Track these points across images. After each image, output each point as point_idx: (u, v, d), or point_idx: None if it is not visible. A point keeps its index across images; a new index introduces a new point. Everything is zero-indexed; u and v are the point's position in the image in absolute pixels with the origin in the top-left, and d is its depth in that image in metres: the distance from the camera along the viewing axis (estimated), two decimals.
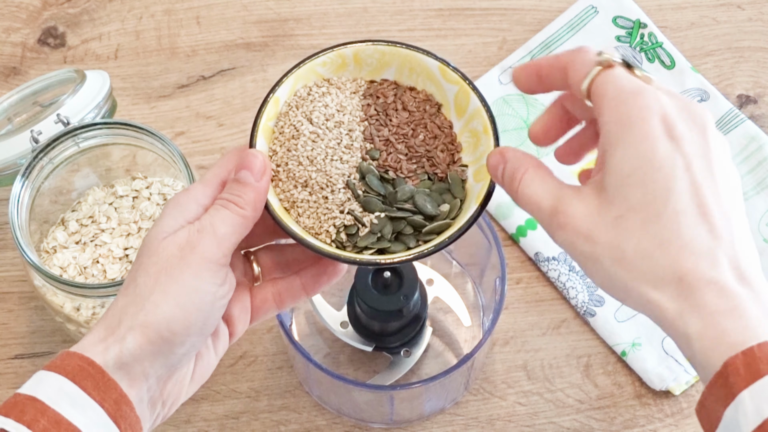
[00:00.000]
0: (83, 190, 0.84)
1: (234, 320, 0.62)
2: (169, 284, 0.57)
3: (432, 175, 0.64)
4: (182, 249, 0.57)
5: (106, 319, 0.58)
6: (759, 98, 0.94)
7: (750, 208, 0.89)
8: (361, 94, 0.65)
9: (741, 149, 0.91)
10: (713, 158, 0.54)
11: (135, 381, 0.56)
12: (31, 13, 0.98)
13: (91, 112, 0.81)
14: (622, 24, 0.96)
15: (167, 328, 0.56)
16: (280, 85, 0.64)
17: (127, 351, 0.56)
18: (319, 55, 0.65)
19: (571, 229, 0.55)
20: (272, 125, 0.64)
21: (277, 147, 0.63)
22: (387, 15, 0.98)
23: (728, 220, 0.53)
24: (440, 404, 0.82)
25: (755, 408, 0.49)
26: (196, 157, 0.92)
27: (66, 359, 0.56)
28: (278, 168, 0.63)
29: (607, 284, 0.55)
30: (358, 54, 0.65)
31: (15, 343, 0.86)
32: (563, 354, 0.85)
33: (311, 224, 0.62)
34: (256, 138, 0.63)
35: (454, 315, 0.85)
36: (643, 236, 0.53)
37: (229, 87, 0.95)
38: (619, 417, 0.83)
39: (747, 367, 0.50)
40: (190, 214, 0.59)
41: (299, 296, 0.64)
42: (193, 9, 0.98)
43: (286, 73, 0.64)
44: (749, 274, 0.53)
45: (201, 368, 0.61)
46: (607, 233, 0.54)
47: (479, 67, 0.95)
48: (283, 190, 0.63)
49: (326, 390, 0.80)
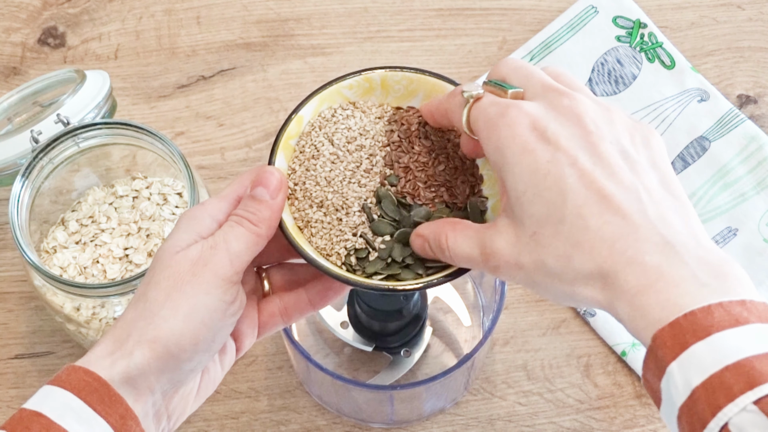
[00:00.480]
0: (83, 190, 0.84)
1: (241, 336, 0.62)
2: (179, 300, 0.56)
3: (450, 203, 0.63)
4: (194, 265, 0.57)
5: (114, 331, 0.57)
6: (759, 98, 0.94)
7: (750, 208, 0.89)
8: (386, 120, 0.65)
9: (741, 149, 0.91)
10: (597, 141, 0.54)
11: (141, 395, 0.56)
12: (31, 13, 0.98)
13: (91, 112, 0.81)
14: (622, 24, 0.96)
15: (176, 343, 0.56)
16: (305, 105, 0.64)
17: (134, 365, 0.55)
18: (346, 77, 0.65)
19: (504, 265, 0.56)
20: (293, 144, 0.64)
21: (297, 166, 0.63)
22: (387, 15, 0.98)
23: (635, 192, 0.53)
24: (440, 404, 0.82)
25: (684, 379, 0.49)
26: (196, 157, 0.92)
27: (71, 374, 0.55)
28: (295, 186, 0.62)
29: (552, 297, 0.56)
30: (386, 80, 0.65)
31: (15, 343, 0.86)
32: (563, 354, 0.85)
33: (323, 245, 0.62)
34: (276, 155, 0.62)
35: (454, 315, 0.85)
36: (558, 244, 0.53)
37: (229, 87, 0.95)
38: (619, 417, 0.83)
39: (674, 339, 0.49)
40: (204, 229, 0.59)
41: (306, 310, 0.63)
42: (193, 9, 0.99)
43: (312, 93, 0.64)
44: (675, 238, 0.52)
45: (207, 383, 0.61)
46: (530, 255, 0.54)
47: (479, 67, 0.95)
48: (299, 209, 0.62)
49: (326, 390, 0.80)
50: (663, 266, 0.51)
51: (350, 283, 0.60)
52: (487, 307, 0.84)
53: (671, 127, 0.92)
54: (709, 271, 0.51)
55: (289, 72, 0.96)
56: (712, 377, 0.48)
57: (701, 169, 0.91)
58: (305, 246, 0.61)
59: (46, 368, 0.85)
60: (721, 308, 0.49)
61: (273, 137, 0.93)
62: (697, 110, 0.93)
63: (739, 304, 0.50)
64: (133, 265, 0.79)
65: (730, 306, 0.49)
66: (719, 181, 0.90)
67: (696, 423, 0.48)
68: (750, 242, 0.88)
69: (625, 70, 0.94)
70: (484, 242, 0.57)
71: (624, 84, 0.94)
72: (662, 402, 0.51)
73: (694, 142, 0.92)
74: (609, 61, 0.95)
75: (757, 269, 0.87)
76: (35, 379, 0.84)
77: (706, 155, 0.91)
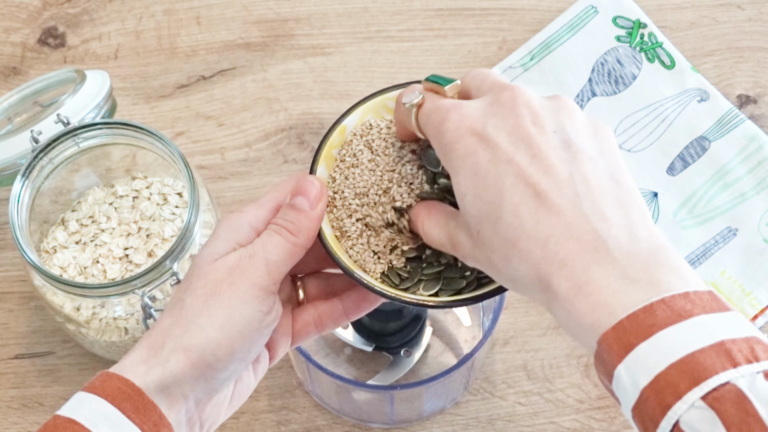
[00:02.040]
0: (83, 190, 0.84)
1: (275, 344, 0.61)
2: (216, 308, 0.56)
3: None
4: (232, 273, 0.57)
5: (149, 337, 0.57)
6: (759, 98, 0.94)
7: (750, 208, 0.89)
8: None
9: (741, 149, 0.91)
10: (536, 133, 0.53)
11: (174, 403, 0.56)
12: (31, 13, 0.98)
13: (91, 112, 0.81)
14: (622, 24, 0.96)
15: (211, 352, 0.55)
16: (349, 114, 0.64)
17: (169, 373, 0.55)
18: (390, 89, 0.64)
19: (467, 256, 0.56)
20: (335, 153, 0.64)
21: (337, 175, 0.63)
22: (387, 15, 0.98)
23: (572, 185, 0.52)
24: (440, 404, 0.82)
25: (632, 381, 0.48)
26: (196, 157, 0.92)
27: (105, 381, 0.55)
28: (335, 195, 0.62)
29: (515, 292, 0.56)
30: None
31: (15, 343, 0.86)
32: (563, 354, 0.85)
33: (360, 256, 0.61)
34: (318, 165, 0.62)
35: (454, 315, 0.85)
36: (498, 242, 0.53)
37: (229, 87, 0.95)
38: (619, 417, 0.83)
39: (618, 342, 0.49)
40: (242, 237, 0.58)
41: (341, 320, 0.63)
42: (193, 9, 0.99)
43: (356, 103, 0.64)
44: (608, 232, 0.51)
45: (240, 391, 0.61)
46: (481, 251, 0.54)
47: (479, 66, 0.95)
48: (337, 219, 0.62)
49: (326, 390, 0.80)
50: (591, 267, 0.50)
51: (387, 297, 0.59)
52: (487, 307, 0.84)
53: (671, 127, 0.92)
54: (640, 266, 0.50)
55: (289, 72, 0.96)
56: (658, 377, 0.47)
57: (701, 169, 0.91)
58: (342, 256, 0.60)
59: (46, 368, 0.85)
60: (663, 305, 0.49)
61: (273, 137, 0.93)
62: (697, 110, 0.93)
63: (682, 297, 0.49)
64: (133, 265, 0.79)
65: (672, 301, 0.49)
66: (719, 181, 0.90)
67: (648, 423, 0.48)
68: (750, 242, 0.88)
69: (625, 70, 0.94)
70: (452, 232, 0.56)
71: (624, 84, 0.94)
72: (622, 405, 0.50)
73: (694, 142, 0.92)
74: (609, 61, 0.95)
75: (757, 269, 0.87)
76: (35, 379, 0.84)
77: (706, 155, 0.91)
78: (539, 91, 0.98)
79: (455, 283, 0.60)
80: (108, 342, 0.79)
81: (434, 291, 0.60)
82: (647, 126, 0.92)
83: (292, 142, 0.93)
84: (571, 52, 0.95)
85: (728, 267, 0.87)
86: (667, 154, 0.91)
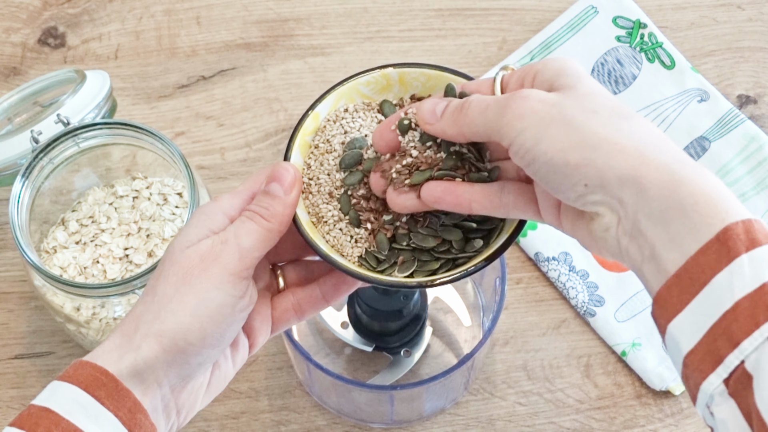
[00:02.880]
0: (83, 190, 0.84)
1: (254, 332, 0.61)
2: (188, 294, 0.56)
3: None
4: (204, 260, 0.57)
5: (123, 325, 0.57)
6: (759, 98, 0.94)
7: (750, 208, 0.89)
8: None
9: (741, 149, 0.91)
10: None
11: (149, 389, 0.56)
12: (31, 13, 0.98)
13: (91, 112, 0.81)
14: (622, 24, 0.96)
15: (183, 337, 0.56)
16: (321, 101, 0.64)
17: (141, 359, 0.55)
18: (363, 74, 0.64)
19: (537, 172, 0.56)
20: (309, 140, 0.64)
21: (312, 161, 0.63)
22: (387, 15, 0.98)
23: None
24: (440, 404, 0.82)
25: (753, 272, 0.49)
26: (196, 157, 0.92)
27: (79, 369, 0.55)
28: (310, 182, 0.62)
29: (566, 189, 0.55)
30: (404, 76, 0.65)
31: (15, 343, 0.86)
32: (563, 354, 0.85)
33: (337, 241, 0.61)
34: (292, 151, 0.62)
35: (454, 315, 0.85)
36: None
37: (229, 87, 0.95)
38: (619, 417, 0.83)
39: (747, 234, 0.50)
40: (216, 225, 0.59)
41: (320, 305, 0.63)
42: (193, 9, 0.99)
43: (329, 89, 0.64)
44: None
45: (218, 378, 0.61)
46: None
47: (479, 67, 0.95)
48: (313, 204, 0.62)
49: (326, 390, 0.80)
50: None
51: (368, 281, 0.60)
52: (487, 307, 0.84)
53: (671, 127, 0.92)
54: None
55: (289, 72, 0.96)
56: None
57: None
58: (319, 242, 0.60)
59: (46, 368, 0.85)
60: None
61: (273, 137, 0.93)
62: (697, 110, 0.93)
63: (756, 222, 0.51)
64: (133, 265, 0.79)
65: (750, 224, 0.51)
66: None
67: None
68: None
69: (625, 70, 0.94)
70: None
71: (624, 84, 0.94)
72: (700, 298, 0.50)
73: (694, 142, 0.92)
74: (609, 61, 0.95)
75: None
76: (35, 379, 0.84)
77: (706, 155, 0.91)
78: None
79: (429, 264, 0.60)
80: None
81: (410, 272, 0.60)
82: None
83: None
84: (571, 52, 0.95)
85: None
86: None
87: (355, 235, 0.61)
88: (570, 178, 0.53)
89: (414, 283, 0.60)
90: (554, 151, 0.53)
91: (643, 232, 0.52)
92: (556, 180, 0.54)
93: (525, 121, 0.54)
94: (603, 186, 0.53)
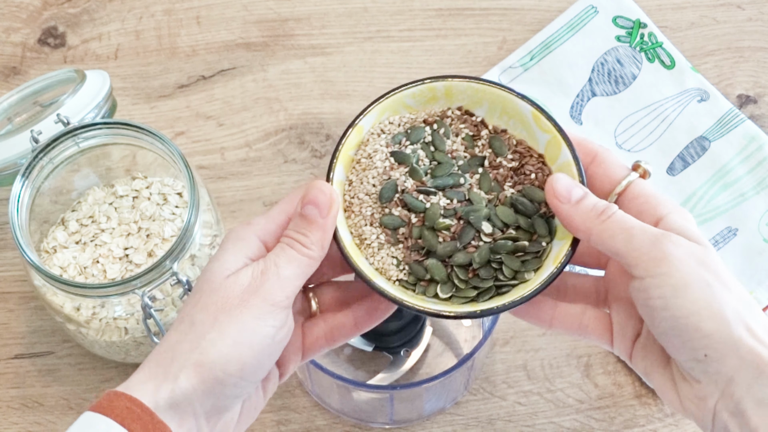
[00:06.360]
0: (83, 190, 0.84)
1: (285, 361, 0.60)
2: (228, 324, 0.55)
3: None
4: (245, 291, 0.56)
5: (157, 354, 0.56)
6: (759, 98, 0.94)
7: (750, 208, 0.89)
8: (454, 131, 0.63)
9: (741, 149, 0.91)
10: None
11: (185, 421, 0.55)
12: (31, 13, 0.98)
13: (91, 112, 0.81)
14: (622, 24, 0.96)
15: (222, 368, 0.55)
16: (365, 114, 0.62)
17: (179, 391, 0.54)
18: (408, 86, 0.63)
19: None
20: (352, 154, 0.62)
21: (354, 177, 0.61)
22: (387, 15, 0.98)
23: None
24: (440, 404, 0.82)
25: None
26: (196, 157, 0.92)
27: (114, 400, 0.54)
28: (352, 200, 0.61)
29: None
30: (450, 89, 0.63)
31: (15, 343, 0.86)
32: (563, 354, 0.85)
33: (379, 264, 0.60)
34: (335, 167, 0.60)
35: None
36: None
37: (229, 87, 0.95)
38: (619, 417, 0.83)
39: None
40: (252, 251, 0.57)
41: (352, 334, 0.61)
42: (193, 9, 0.99)
43: (373, 102, 0.62)
44: None
45: (249, 409, 0.59)
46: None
47: (479, 67, 0.95)
48: (356, 225, 0.60)
49: (326, 390, 0.80)
50: None
51: (414, 310, 0.58)
52: None
53: (671, 127, 0.92)
54: None
55: (289, 72, 0.96)
56: None
57: (701, 169, 0.91)
58: (361, 264, 0.59)
59: (46, 368, 0.85)
60: None
61: (273, 137, 0.93)
62: (697, 110, 0.93)
63: None
64: (133, 265, 0.79)
65: None
66: (719, 181, 0.90)
67: None
68: (750, 242, 0.88)
69: (625, 70, 0.94)
70: None
71: (624, 84, 0.94)
72: None
73: (694, 142, 0.92)
74: (609, 61, 0.95)
75: (756, 269, 0.87)
76: (35, 379, 0.84)
77: (706, 155, 0.91)
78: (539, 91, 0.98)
79: (467, 291, 0.59)
80: (108, 342, 0.79)
81: (448, 295, 0.59)
82: (647, 126, 0.92)
83: (292, 142, 0.93)
84: (571, 52, 0.95)
85: (728, 267, 0.87)
86: (667, 154, 0.91)
87: (398, 256, 0.60)
88: (693, 343, 0.54)
89: (452, 313, 0.58)
90: (690, 312, 0.54)
91: (746, 413, 0.53)
92: (675, 336, 0.54)
93: (671, 267, 0.54)
94: (722, 361, 0.53)
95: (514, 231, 0.60)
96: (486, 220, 0.60)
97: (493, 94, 0.63)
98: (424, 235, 0.60)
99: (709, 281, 0.54)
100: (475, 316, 0.58)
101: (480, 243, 0.60)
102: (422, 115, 0.64)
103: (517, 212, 0.61)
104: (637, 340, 0.59)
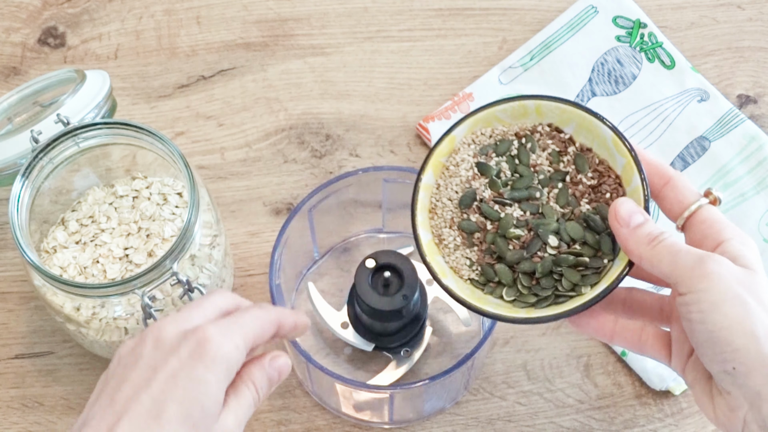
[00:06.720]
0: (83, 190, 0.84)
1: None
2: None
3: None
4: None
5: None
6: (759, 98, 0.94)
7: (750, 208, 0.89)
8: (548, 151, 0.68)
9: (741, 149, 0.91)
10: None
11: None
12: (31, 13, 0.98)
13: (91, 112, 0.81)
14: (622, 24, 0.96)
15: None
16: (459, 125, 0.67)
17: None
18: (500, 102, 0.68)
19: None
20: (443, 161, 0.68)
21: (441, 182, 0.67)
22: (387, 15, 0.98)
23: None
24: (440, 404, 0.82)
25: None
26: (196, 157, 0.92)
27: None
28: (437, 203, 0.67)
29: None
30: (540, 107, 0.68)
31: (15, 343, 0.86)
32: (563, 354, 0.85)
33: (455, 264, 0.66)
34: (425, 172, 0.67)
35: (454, 315, 0.85)
36: None
37: (229, 87, 0.95)
38: (619, 417, 0.83)
39: None
40: (232, 376, 0.59)
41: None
42: (193, 9, 0.99)
43: (466, 115, 0.67)
44: None
45: None
46: None
47: (479, 67, 0.95)
48: (437, 226, 0.66)
49: (326, 390, 0.80)
50: None
51: (472, 309, 0.64)
52: None
53: (671, 127, 0.92)
54: None
55: (289, 72, 0.96)
56: None
57: (701, 169, 0.91)
58: (435, 264, 0.65)
59: (46, 368, 0.85)
60: None
61: (273, 137, 0.93)
62: (697, 110, 0.93)
63: None
64: (133, 265, 0.79)
65: None
66: (719, 181, 0.90)
67: None
68: None
69: (625, 70, 0.94)
70: None
71: (624, 84, 0.94)
72: None
73: (694, 142, 0.92)
74: (609, 61, 0.95)
75: None
76: (35, 379, 0.84)
77: (706, 155, 0.91)
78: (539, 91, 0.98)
79: (528, 297, 0.65)
80: (108, 342, 0.79)
81: (512, 299, 0.65)
82: (647, 126, 0.92)
83: (292, 142, 0.93)
84: (571, 52, 0.95)
85: None
86: (667, 154, 0.91)
87: (472, 257, 0.66)
88: (724, 355, 0.58)
89: (510, 317, 0.63)
90: (723, 326, 0.57)
91: None
92: (709, 348, 0.58)
93: (710, 284, 0.58)
94: (749, 375, 0.57)
95: (579, 246, 0.65)
96: (553, 234, 0.65)
97: (578, 116, 0.67)
98: (497, 241, 0.66)
99: (745, 300, 0.58)
100: (528, 322, 0.63)
101: (545, 254, 0.65)
102: (514, 128, 0.68)
103: (588, 228, 0.65)
104: (691, 356, 0.63)
